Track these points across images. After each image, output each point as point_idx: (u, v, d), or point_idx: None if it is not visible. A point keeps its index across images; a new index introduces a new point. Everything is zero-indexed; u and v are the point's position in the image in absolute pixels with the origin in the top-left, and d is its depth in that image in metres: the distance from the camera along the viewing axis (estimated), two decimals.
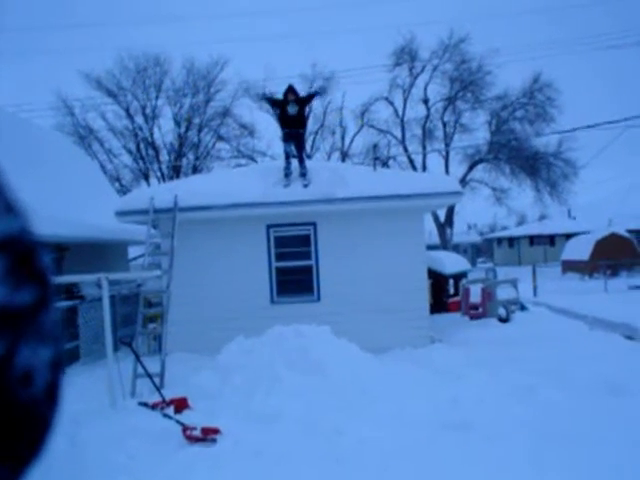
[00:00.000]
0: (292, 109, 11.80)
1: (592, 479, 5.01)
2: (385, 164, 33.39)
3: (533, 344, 10.93)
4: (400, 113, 36.49)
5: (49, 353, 0.55)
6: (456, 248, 43.07)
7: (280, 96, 12.57)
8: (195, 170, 35.85)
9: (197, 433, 6.37)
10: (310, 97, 14.20)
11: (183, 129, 36.45)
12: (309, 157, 37.54)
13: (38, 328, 0.54)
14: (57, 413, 0.58)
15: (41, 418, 0.56)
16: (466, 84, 34.31)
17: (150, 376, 8.24)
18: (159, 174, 36.41)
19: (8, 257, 0.52)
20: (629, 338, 11.89)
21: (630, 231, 36.08)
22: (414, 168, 34.94)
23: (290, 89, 12.05)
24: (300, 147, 12.18)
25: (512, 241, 53.97)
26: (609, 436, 5.93)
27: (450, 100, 35.03)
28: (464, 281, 15.95)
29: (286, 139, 12.03)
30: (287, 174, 11.67)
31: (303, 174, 11.69)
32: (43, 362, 0.54)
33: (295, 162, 11.93)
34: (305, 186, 11.42)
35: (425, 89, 35.68)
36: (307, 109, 12.40)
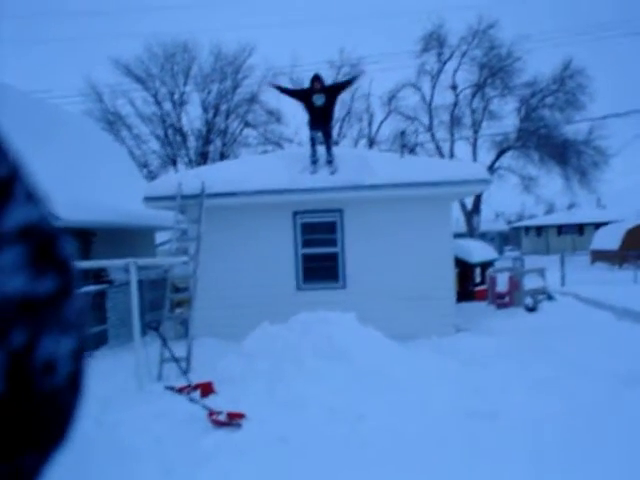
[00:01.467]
0: (319, 100, 11.56)
1: (614, 471, 4.96)
2: (412, 151, 33.20)
3: (560, 334, 10.82)
4: (428, 100, 36.24)
5: (72, 342, 0.55)
6: (483, 236, 42.74)
7: (288, 86, 12.29)
8: (222, 156, 35.96)
9: (223, 418, 6.42)
10: (344, 85, 13.56)
11: (211, 115, 36.55)
12: (336, 143, 37.47)
13: (60, 317, 0.54)
14: (80, 402, 0.58)
15: (64, 407, 0.56)
16: (495, 70, 33.92)
17: (177, 360, 8.33)
18: (187, 160, 36.61)
19: (29, 245, 0.52)
20: None
21: None
22: (441, 155, 34.70)
23: (316, 78, 11.79)
24: (327, 134, 11.99)
25: (540, 230, 53.48)
26: (632, 427, 5.88)
27: (479, 87, 34.68)
28: (491, 270, 15.84)
29: (312, 126, 11.85)
30: (314, 161, 11.59)
31: (330, 162, 11.57)
32: (65, 351, 0.54)
33: (322, 149, 11.84)
34: (332, 173, 11.34)
35: (453, 75, 35.37)
36: (337, 98, 12.25)
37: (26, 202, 0.54)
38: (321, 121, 11.74)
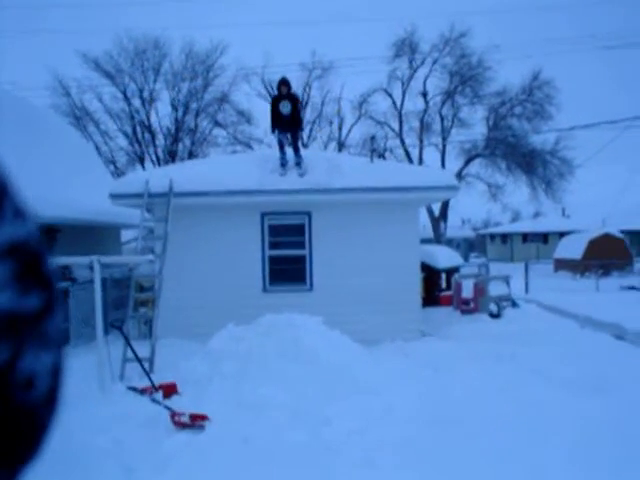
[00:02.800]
0: (285, 108, 11.42)
1: (577, 475, 5.02)
2: (382, 156, 33.38)
3: (523, 341, 10.95)
4: (398, 105, 36.44)
5: (52, 358, 0.55)
6: (449, 242, 43.11)
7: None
8: (191, 155, 35.72)
9: (185, 419, 6.35)
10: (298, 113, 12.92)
11: (180, 113, 36.28)
12: (306, 146, 37.50)
13: (42, 333, 0.54)
14: (56, 417, 0.58)
15: (40, 422, 0.56)
16: (465, 79, 34.28)
17: (140, 360, 8.22)
18: (154, 158, 36.27)
19: (16, 262, 0.52)
20: (619, 338, 11.93)
21: (623, 231, 36.19)
22: (410, 161, 34.92)
23: (283, 82, 11.65)
24: (295, 137, 11.90)
25: (505, 237, 54.16)
26: (594, 432, 5.96)
27: (449, 94, 34.99)
28: (456, 276, 15.96)
29: (280, 129, 11.66)
30: (283, 164, 11.51)
31: (298, 163, 11.50)
32: (46, 367, 0.54)
33: (290, 151, 11.78)
34: (301, 175, 11.30)
35: (424, 82, 35.65)
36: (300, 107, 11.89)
37: (14, 219, 0.54)
38: (288, 126, 11.60)
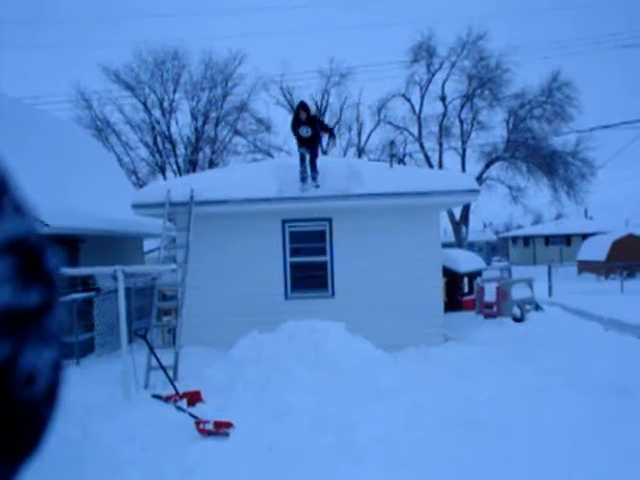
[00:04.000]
0: (305, 132, 11.41)
1: (601, 477, 4.98)
2: (401, 161, 33.34)
3: (547, 344, 10.86)
4: (417, 110, 36.42)
5: (52, 354, 0.55)
6: (471, 246, 42.87)
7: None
8: (211, 164, 35.93)
9: (210, 426, 6.39)
10: (325, 129, 12.78)
11: (200, 123, 36.54)
12: (325, 153, 37.58)
13: (43, 330, 0.54)
14: (56, 413, 0.58)
15: (40, 418, 0.56)
16: (484, 81, 34.15)
17: (164, 369, 8.28)
18: (175, 168, 36.55)
19: (16, 258, 0.52)
20: None
21: None
22: (430, 165, 34.84)
23: (302, 105, 11.63)
24: (314, 154, 11.77)
25: (527, 240, 53.72)
26: (617, 437, 5.91)
27: (468, 97, 34.88)
28: (479, 280, 15.88)
29: (300, 145, 11.63)
30: (303, 178, 11.50)
31: (314, 177, 11.49)
32: (46, 363, 0.54)
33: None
34: (316, 187, 11.33)
35: (442, 86, 35.58)
36: (319, 128, 11.85)
37: (14, 214, 0.54)
38: (308, 146, 11.55)
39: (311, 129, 11.41)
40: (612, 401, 7.09)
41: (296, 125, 11.49)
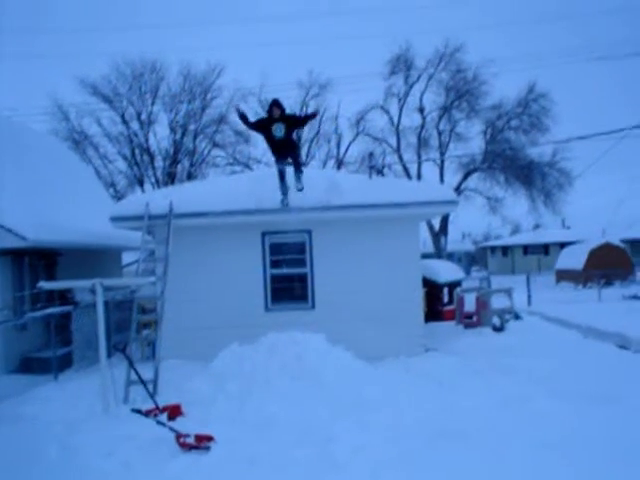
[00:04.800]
0: (278, 131, 10.44)
1: None
2: (380, 172, 33.48)
3: (527, 353, 10.93)
4: (395, 121, 36.63)
5: None
6: (450, 257, 43.12)
7: (250, 117, 11.11)
8: (190, 177, 35.83)
9: (191, 440, 6.33)
10: (303, 120, 12.34)
11: (179, 135, 36.44)
12: (304, 165, 37.63)
13: None
14: None
15: None
16: (462, 93, 34.48)
17: (143, 382, 8.20)
18: (154, 180, 36.38)
19: None
20: (622, 347, 11.91)
21: (624, 240, 36.21)
22: (409, 177, 35.03)
23: (274, 103, 10.54)
24: (296, 163, 11.23)
25: (506, 250, 54.11)
26: (599, 443, 5.96)
27: (445, 109, 35.18)
28: (458, 290, 15.95)
29: (278, 158, 10.88)
30: (284, 193, 11.11)
31: (298, 177, 11.08)
32: None
33: (290, 178, 11.19)
34: (299, 190, 11.05)
35: (421, 98, 35.85)
36: (294, 130, 11.20)
37: None
38: (285, 151, 10.79)
39: (284, 127, 10.49)
40: (593, 408, 7.15)
41: (269, 126, 10.55)
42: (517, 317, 15.65)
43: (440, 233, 35.57)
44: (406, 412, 7.25)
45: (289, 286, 11.72)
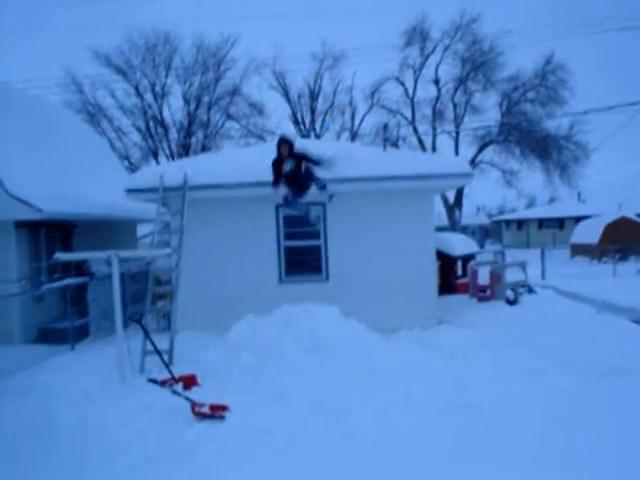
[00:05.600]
0: (287, 165, 10.20)
1: (593, 462, 5.02)
2: (395, 145, 33.30)
3: (540, 327, 10.94)
4: (410, 93, 36.37)
5: None
6: (465, 230, 42.99)
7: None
8: (204, 149, 35.81)
9: (206, 410, 6.41)
10: (312, 161, 10.66)
11: (193, 107, 36.35)
12: (318, 137, 37.47)
13: None
14: None
15: None
16: (477, 65, 34.09)
17: (159, 353, 8.29)
18: (168, 152, 36.41)
19: None
20: (636, 322, 11.88)
21: None
22: (424, 149, 34.83)
23: (282, 141, 10.21)
24: (303, 189, 10.49)
25: (521, 224, 53.82)
26: (610, 417, 5.98)
27: (461, 81, 34.83)
28: (472, 263, 15.94)
29: (276, 183, 10.31)
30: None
31: (294, 200, 10.48)
32: None
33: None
34: (287, 203, 10.58)
35: (436, 69, 35.52)
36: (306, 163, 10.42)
37: None
38: (291, 181, 10.33)
39: (294, 163, 10.21)
40: (606, 383, 7.16)
41: (279, 164, 10.26)
42: (531, 291, 15.63)
43: (455, 206, 35.43)
44: (419, 384, 7.29)
45: (303, 259, 11.75)
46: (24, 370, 9.04)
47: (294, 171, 10.22)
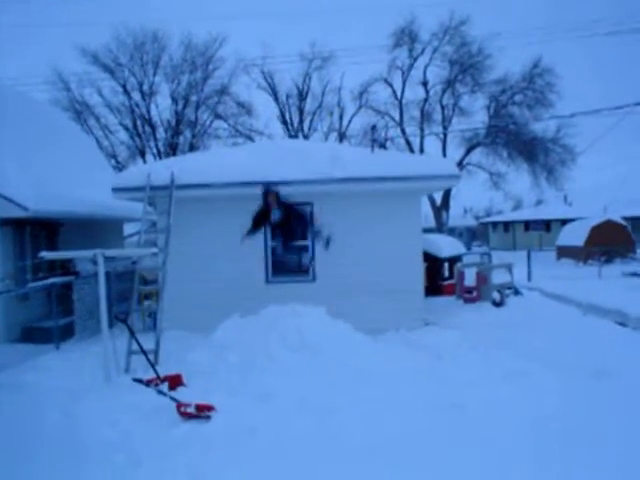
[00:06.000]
0: (276, 215, 10.23)
1: (580, 460, 5.05)
2: (383, 146, 33.35)
3: (526, 329, 10.99)
4: (399, 95, 36.44)
5: None
6: (452, 231, 43.15)
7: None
8: (192, 148, 35.71)
9: (191, 410, 6.38)
10: (301, 216, 10.77)
11: (180, 106, 36.24)
12: (306, 137, 37.48)
13: None
14: None
15: None
16: (466, 67, 34.23)
17: (145, 352, 8.25)
18: (155, 151, 36.29)
19: None
20: (621, 324, 11.97)
21: (626, 218, 36.15)
22: (411, 150, 34.93)
23: (268, 193, 10.16)
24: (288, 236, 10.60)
25: (507, 226, 54.07)
26: (595, 417, 6.03)
27: (449, 83, 34.95)
28: (459, 264, 15.99)
29: (254, 230, 10.42)
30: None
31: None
32: None
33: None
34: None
35: (424, 71, 35.63)
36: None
37: None
38: (283, 232, 10.56)
39: (282, 214, 10.20)
40: (591, 384, 7.21)
41: (264, 214, 10.28)
42: (517, 292, 15.71)
43: (442, 208, 35.55)
44: (405, 385, 7.30)
45: (290, 259, 11.74)
46: (8, 369, 8.96)
47: (283, 220, 10.24)
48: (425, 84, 35.80)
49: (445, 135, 35.80)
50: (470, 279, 14.82)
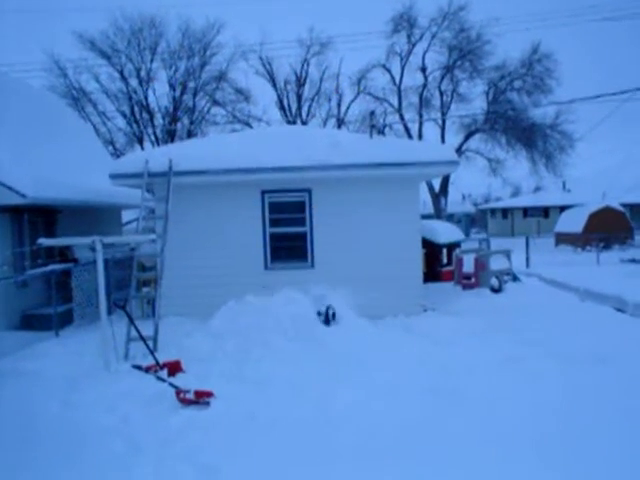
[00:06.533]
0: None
1: (576, 445, 5.08)
2: (381, 132, 33.24)
3: (524, 314, 11.01)
4: (397, 81, 36.25)
5: None
6: (450, 218, 43.10)
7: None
8: (190, 134, 35.57)
9: (190, 396, 6.41)
10: None
11: (178, 93, 36.07)
12: (304, 123, 37.37)
13: None
14: None
15: None
16: (464, 53, 34.04)
17: (144, 339, 8.26)
18: (153, 138, 36.11)
19: None
20: (619, 310, 11.99)
21: (624, 204, 36.17)
22: (410, 136, 34.82)
23: None
24: None
25: (506, 212, 54.09)
26: (592, 402, 6.06)
27: (448, 69, 34.77)
28: (457, 251, 15.99)
29: None
30: None
31: None
32: None
33: None
34: None
35: (423, 57, 35.43)
36: None
37: None
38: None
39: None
40: (588, 369, 7.23)
41: None
42: (515, 279, 15.73)
43: (440, 194, 35.50)
44: (402, 370, 7.33)
45: (289, 245, 11.72)
46: (8, 356, 8.97)
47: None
48: (424, 70, 35.63)
49: (444, 121, 35.68)
50: (469, 265, 14.82)
